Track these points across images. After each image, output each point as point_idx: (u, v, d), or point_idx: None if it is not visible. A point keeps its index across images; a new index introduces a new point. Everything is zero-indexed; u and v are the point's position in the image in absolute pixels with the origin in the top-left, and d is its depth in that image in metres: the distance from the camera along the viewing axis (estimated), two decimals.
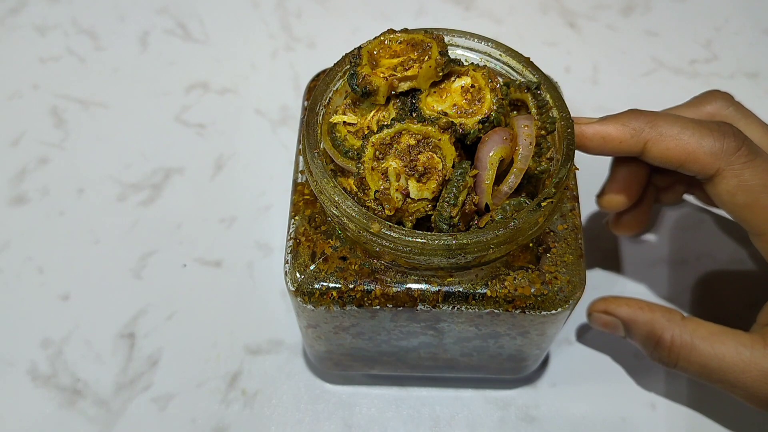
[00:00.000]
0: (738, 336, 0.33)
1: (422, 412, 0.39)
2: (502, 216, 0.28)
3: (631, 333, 0.36)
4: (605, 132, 0.33)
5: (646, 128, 0.32)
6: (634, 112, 0.33)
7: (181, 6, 0.57)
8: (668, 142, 0.32)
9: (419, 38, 0.30)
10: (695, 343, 0.33)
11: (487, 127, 0.29)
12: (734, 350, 0.33)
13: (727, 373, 0.33)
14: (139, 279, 0.44)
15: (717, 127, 0.32)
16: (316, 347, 0.36)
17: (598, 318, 0.37)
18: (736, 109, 0.36)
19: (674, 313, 0.35)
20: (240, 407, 0.39)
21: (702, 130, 0.32)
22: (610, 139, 0.33)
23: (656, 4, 0.58)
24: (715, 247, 0.45)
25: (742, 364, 0.32)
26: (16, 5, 0.57)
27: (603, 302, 0.37)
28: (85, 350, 0.41)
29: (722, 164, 0.31)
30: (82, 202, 0.47)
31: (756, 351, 0.32)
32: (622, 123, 0.33)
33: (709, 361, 0.33)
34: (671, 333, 0.34)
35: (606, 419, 0.39)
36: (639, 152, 0.33)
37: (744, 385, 0.33)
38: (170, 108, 0.51)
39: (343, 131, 0.31)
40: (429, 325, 0.32)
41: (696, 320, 0.34)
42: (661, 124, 0.32)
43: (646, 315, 0.35)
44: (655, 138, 0.32)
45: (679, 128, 0.32)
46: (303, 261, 0.30)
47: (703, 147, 0.31)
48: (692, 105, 0.36)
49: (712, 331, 0.34)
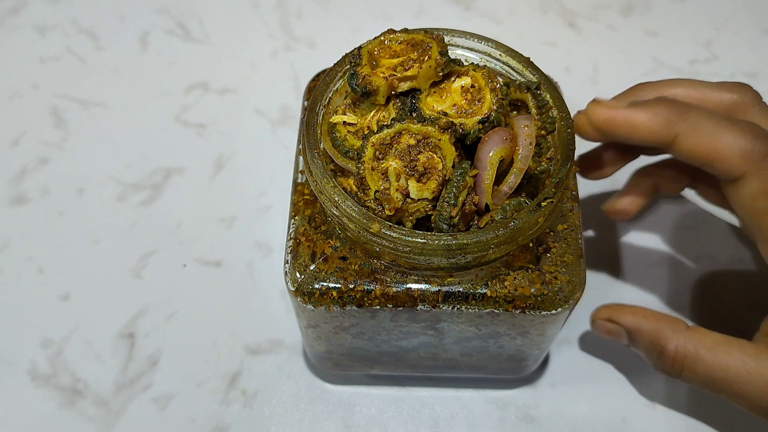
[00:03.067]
0: (743, 346, 0.32)
1: (422, 412, 0.39)
2: (502, 216, 0.28)
3: (635, 342, 0.35)
4: (636, 119, 0.31)
5: (679, 120, 0.30)
6: (666, 101, 0.31)
7: (181, 6, 0.57)
8: (700, 138, 0.30)
9: (419, 38, 0.30)
10: (699, 353, 0.33)
11: (487, 127, 0.29)
12: (739, 360, 0.32)
13: (732, 384, 0.32)
14: (139, 279, 0.44)
15: (749, 128, 0.30)
16: (316, 347, 0.36)
17: (601, 326, 0.37)
18: (761, 109, 0.34)
19: (679, 323, 0.34)
20: (240, 407, 0.39)
21: (735, 129, 0.30)
22: (641, 128, 0.31)
23: (656, 4, 0.58)
24: (715, 247, 0.45)
25: (747, 374, 0.32)
26: (16, 5, 0.57)
27: (607, 309, 0.36)
28: (85, 350, 0.41)
29: (751, 167, 0.30)
30: (82, 202, 0.47)
31: (761, 361, 0.32)
32: (654, 112, 0.31)
33: (713, 372, 0.32)
34: (675, 343, 0.33)
35: (606, 419, 0.39)
36: (668, 144, 0.31)
37: (749, 395, 0.32)
38: (170, 108, 0.51)
39: (343, 131, 0.31)
40: (429, 325, 0.32)
41: (701, 330, 0.34)
42: (694, 117, 0.30)
43: (650, 324, 0.34)
44: (687, 131, 0.30)
45: (712, 124, 0.30)
46: (303, 261, 0.30)
47: (735, 147, 0.30)
48: (718, 87, 0.34)
49: (717, 341, 0.33)
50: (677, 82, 0.34)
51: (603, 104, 0.32)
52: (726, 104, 0.34)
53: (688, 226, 0.46)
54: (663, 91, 0.34)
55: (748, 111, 0.34)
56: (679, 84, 0.34)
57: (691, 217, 0.46)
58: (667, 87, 0.34)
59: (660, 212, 0.46)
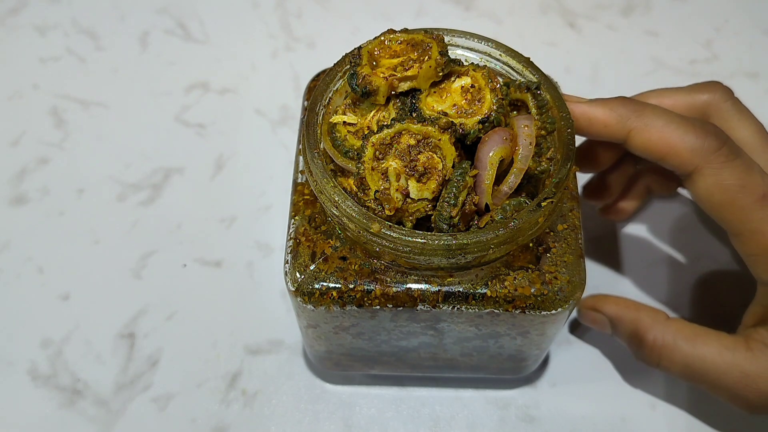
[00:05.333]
0: (721, 338, 0.34)
1: (422, 412, 0.39)
2: (502, 216, 0.28)
3: (617, 331, 0.37)
4: (592, 114, 0.33)
5: (633, 117, 0.32)
6: (623, 99, 0.33)
7: (181, 6, 0.57)
8: (651, 134, 0.32)
9: (419, 38, 0.30)
10: (678, 344, 0.34)
11: (487, 127, 0.29)
12: (716, 351, 0.33)
13: (709, 374, 0.33)
14: (139, 279, 0.44)
15: (701, 124, 0.32)
16: (316, 347, 0.36)
17: (586, 314, 0.38)
18: (733, 104, 0.35)
19: (659, 314, 0.35)
20: (240, 407, 0.39)
21: (686, 125, 0.32)
22: (596, 122, 0.33)
23: (656, 4, 0.58)
24: (715, 247, 0.45)
25: (724, 365, 0.33)
26: (16, 5, 0.57)
27: (592, 299, 0.38)
28: (85, 350, 0.41)
29: (701, 162, 0.31)
30: (82, 202, 0.47)
31: (738, 353, 0.33)
32: (610, 108, 0.33)
33: (691, 362, 0.33)
34: (654, 333, 0.35)
35: (606, 419, 0.39)
36: (622, 139, 0.33)
37: (726, 386, 0.33)
38: (170, 108, 0.51)
39: (343, 131, 0.31)
40: (429, 325, 0.32)
41: (680, 321, 0.35)
42: (647, 115, 0.32)
43: (631, 314, 0.36)
44: (640, 128, 0.32)
45: (663, 121, 0.32)
46: (303, 261, 0.30)
47: (685, 142, 0.31)
48: (689, 91, 0.36)
49: (696, 333, 0.34)
50: (648, 94, 0.36)
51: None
52: (698, 106, 0.35)
53: (688, 226, 0.46)
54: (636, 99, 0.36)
55: (721, 108, 0.35)
56: (651, 94, 0.36)
57: (691, 217, 0.46)
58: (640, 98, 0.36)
59: (660, 212, 0.47)
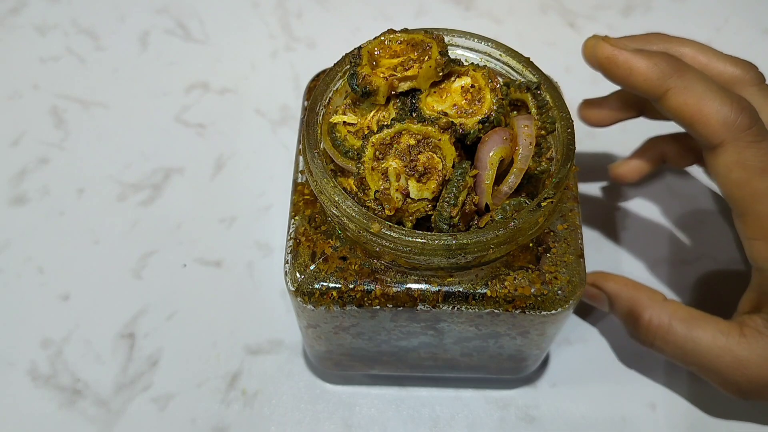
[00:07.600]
0: (716, 322, 0.34)
1: (422, 412, 0.39)
2: (502, 216, 0.28)
3: (614, 308, 0.37)
4: (636, 65, 0.32)
5: (674, 75, 0.32)
6: (667, 55, 0.33)
7: (181, 6, 0.57)
8: (688, 97, 0.31)
9: (419, 38, 0.30)
10: (673, 325, 0.34)
11: (487, 127, 0.29)
12: (710, 335, 0.33)
13: (702, 357, 0.33)
14: (139, 279, 0.44)
15: (738, 99, 0.31)
16: (316, 347, 0.36)
17: (586, 290, 0.38)
18: (760, 89, 0.35)
19: (657, 294, 0.35)
20: (240, 407, 0.39)
21: (723, 97, 0.31)
22: (637, 74, 0.32)
23: (656, 4, 0.58)
24: (715, 247, 0.45)
25: (717, 349, 0.33)
26: (16, 5, 0.57)
27: (593, 276, 0.38)
28: (85, 350, 0.41)
29: (729, 136, 0.31)
30: (82, 202, 0.47)
31: (731, 338, 0.33)
32: (654, 62, 0.32)
33: (684, 344, 0.34)
34: (650, 312, 0.35)
35: (606, 419, 0.39)
36: (658, 96, 0.32)
37: (717, 370, 0.33)
38: (170, 108, 0.51)
39: (343, 131, 0.31)
40: (429, 325, 0.32)
41: (677, 303, 0.35)
42: (689, 77, 0.32)
43: (629, 292, 0.36)
44: (679, 88, 0.32)
45: (703, 87, 0.31)
46: (303, 261, 0.30)
47: (719, 113, 0.31)
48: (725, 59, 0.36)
49: (692, 315, 0.34)
50: (688, 42, 0.36)
51: (611, 42, 0.33)
52: (726, 76, 0.35)
53: (688, 226, 0.46)
54: (673, 47, 0.35)
55: (746, 88, 0.35)
56: (690, 45, 0.36)
57: (691, 217, 0.46)
58: (678, 44, 0.36)
59: (660, 212, 0.47)
